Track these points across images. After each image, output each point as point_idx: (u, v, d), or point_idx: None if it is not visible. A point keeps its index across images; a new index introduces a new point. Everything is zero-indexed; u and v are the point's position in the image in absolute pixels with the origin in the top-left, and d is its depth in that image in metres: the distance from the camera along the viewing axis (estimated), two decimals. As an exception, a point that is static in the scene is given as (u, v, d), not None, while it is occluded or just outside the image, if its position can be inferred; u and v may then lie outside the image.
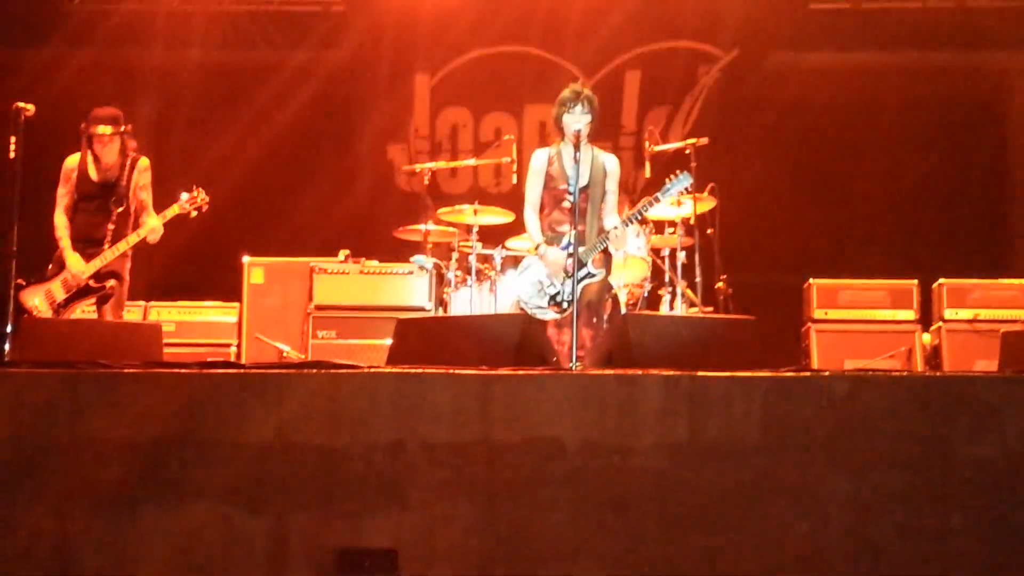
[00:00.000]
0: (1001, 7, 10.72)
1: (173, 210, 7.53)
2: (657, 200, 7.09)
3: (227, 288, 9.10)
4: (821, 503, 4.64)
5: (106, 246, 7.35)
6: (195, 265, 9.84)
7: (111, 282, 7.31)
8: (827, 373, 4.98)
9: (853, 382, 4.71)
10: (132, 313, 8.55)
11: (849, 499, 4.63)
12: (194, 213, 7.60)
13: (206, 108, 10.62)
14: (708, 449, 4.67)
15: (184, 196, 7.55)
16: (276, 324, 8.78)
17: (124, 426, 4.68)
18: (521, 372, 4.83)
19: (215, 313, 9.03)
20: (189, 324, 8.95)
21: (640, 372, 4.82)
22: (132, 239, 7.40)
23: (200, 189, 7.59)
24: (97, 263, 7.31)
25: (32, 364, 5.09)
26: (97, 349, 5.48)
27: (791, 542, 4.63)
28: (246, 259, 8.98)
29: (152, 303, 8.92)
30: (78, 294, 7.34)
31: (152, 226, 7.41)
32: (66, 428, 4.68)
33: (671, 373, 4.76)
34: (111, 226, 7.38)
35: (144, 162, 7.58)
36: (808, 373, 4.87)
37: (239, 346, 8.85)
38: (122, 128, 7.50)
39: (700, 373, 4.74)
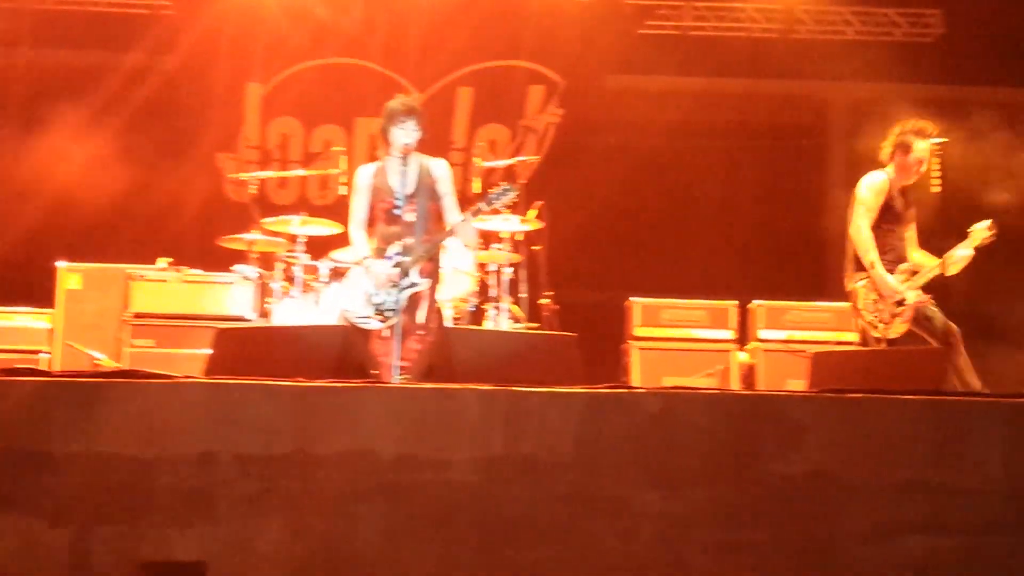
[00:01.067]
0: (821, 40, 11.11)
1: None
2: (481, 209, 7.09)
3: (44, 294, 8.84)
4: (633, 517, 4.69)
5: None
6: (13, 271, 9.52)
7: None
8: (641, 390, 5.05)
9: (666, 399, 4.79)
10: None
11: (660, 513, 4.69)
12: None
13: (33, 108, 10.29)
14: (524, 463, 4.69)
15: None
16: (92, 332, 8.55)
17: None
18: (337, 384, 4.79)
19: (28, 319, 8.74)
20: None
21: (457, 386, 4.82)
22: None
23: None
24: None
25: None
26: None
27: (603, 556, 4.67)
28: (61, 264, 8.73)
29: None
30: None
31: None
32: None
33: (488, 387, 4.77)
34: None
35: None
36: (622, 390, 4.93)
37: (52, 354, 8.59)
38: None
39: (517, 388, 4.76)
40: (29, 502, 4.44)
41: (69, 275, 8.73)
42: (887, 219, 7.45)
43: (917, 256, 7.47)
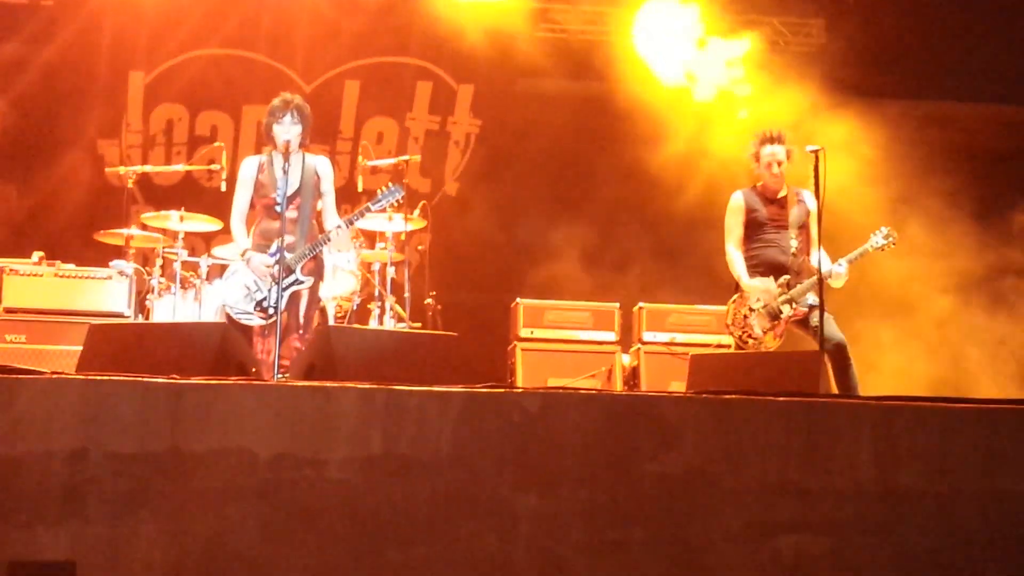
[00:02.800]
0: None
1: None
2: (368, 210, 7.08)
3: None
4: (511, 517, 4.70)
5: None
6: None
7: None
8: (519, 389, 5.06)
9: (544, 399, 4.80)
10: None
11: (538, 513, 4.71)
12: None
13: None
14: (402, 463, 4.67)
15: None
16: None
17: None
18: (213, 381, 4.71)
19: None
20: None
21: (335, 384, 4.78)
22: None
23: None
24: None
25: None
26: None
27: (480, 555, 4.67)
28: (-73, 258, 8.50)
29: None
30: None
31: None
32: None
33: (367, 386, 4.74)
34: None
35: None
36: (501, 389, 4.93)
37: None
38: None
39: (396, 387, 4.74)
40: None
41: (-66, 269, 8.49)
42: (754, 232, 7.62)
43: (813, 259, 7.52)
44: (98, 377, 4.65)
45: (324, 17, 10.88)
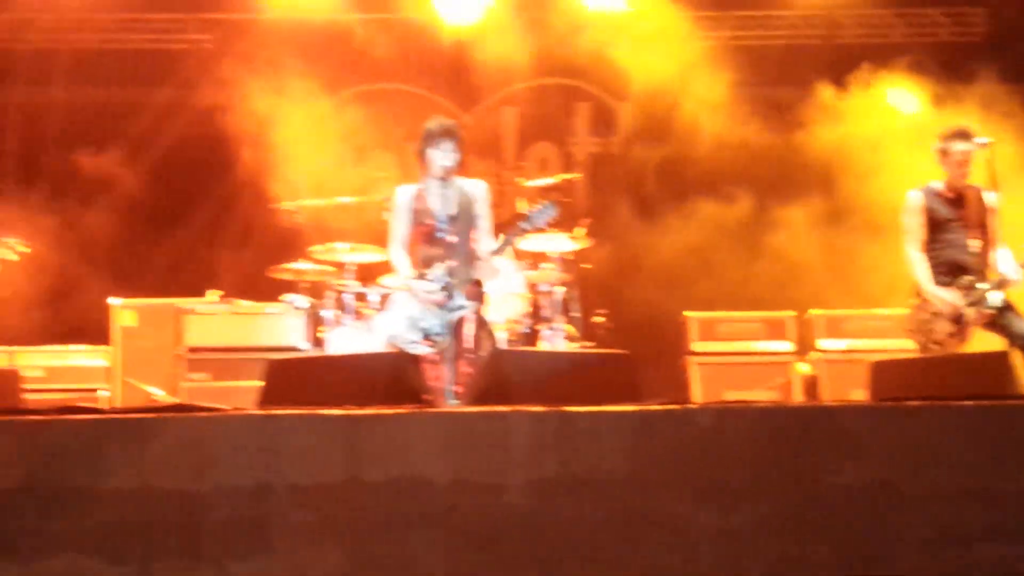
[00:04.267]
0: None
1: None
2: (522, 229, 7.05)
3: (94, 332, 8.92)
4: (691, 535, 4.63)
5: None
6: (61, 309, 9.62)
7: None
8: (693, 405, 4.99)
9: (718, 414, 4.71)
10: (3, 357, 8.38)
11: (719, 530, 4.62)
12: (14, 257, 7.46)
13: (73, 146, 10.38)
14: (577, 484, 4.64)
15: None
16: (148, 367, 8.62)
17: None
18: (388, 411, 4.76)
19: (85, 357, 8.83)
20: (59, 369, 8.75)
21: (507, 409, 4.78)
22: None
23: (12, 236, 7.47)
24: None
25: None
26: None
27: (663, 574, 4.61)
28: (114, 301, 8.81)
29: (17, 348, 8.70)
30: None
31: None
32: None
33: (539, 409, 4.73)
34: None
35: None
36: (675, 406, 4.87)
37: (110, 391, 8.66)
38: None
39: (568, 408, 4.71)
40: (87, 541, 4.45)
41: (123, 312, 8.80)
42: (934, 232, 7.36)
43: (996, 257, 7.26)
44: (276, 412, 4.74)
45: (471, 45, 10.93)
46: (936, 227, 7.38)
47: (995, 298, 7.10)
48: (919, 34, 11.13)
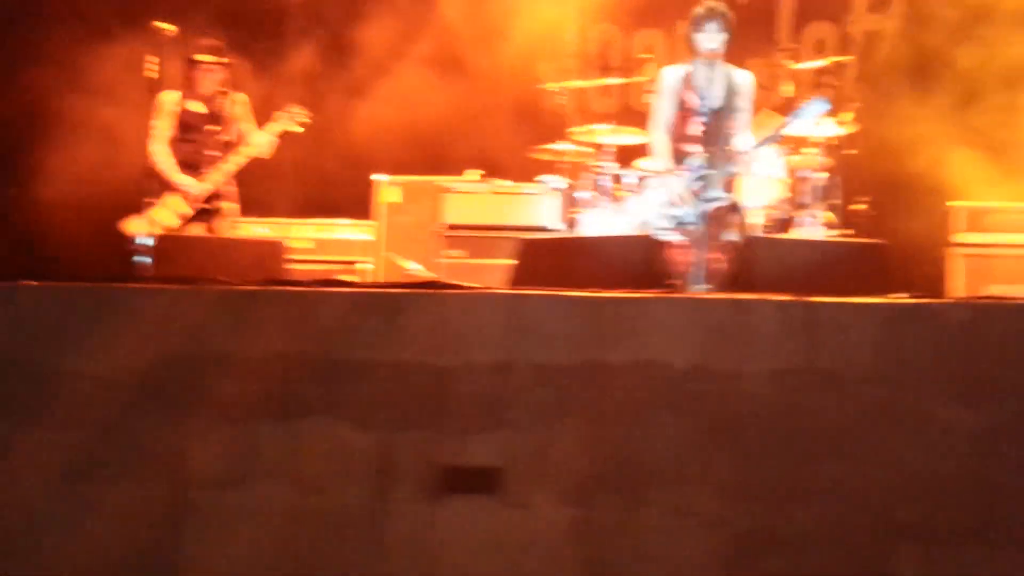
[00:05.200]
0: None
1: (274, 127, 7.66)
2: (788, 124, 6.90)
3: (362, 206, 9.22)
4: (938, 433, 4.49)
5: (207, 170, 7.54)
6: (332, 185, 9.92)
7: (222, 202, 7.51)
8: (947, 300, 4.80)
9: (973, 310, 4.54)
10: (276, 229, 8.79)
11: (967, 430, 4.48)
12: (298, 128, 7.72)
13: (344, 32, 10.55)
14: (821, 375, 4.56)
15: (280, 114, 7.68)
16: (410, 243, 8.87)
17: (243, 343, 4.77)
18: (632, 295, 4.77)
19: (351, 230, 9.15)
20: (327, 242, 9.11)
21: (753, 296, 4.72)
22: (242, 157, 7.57)
23: (297, 105, 7.71)
24: (209, 184, 7.51)
25: (178, 280, 5.16)
26: (223, 266, 5.60)
27: (907, 473, 4.50)
28: (379, 178, 9.07)
29: (287, 220, 9.10)
30: (190, 218, 7.54)
31: (259, 142, 7.59)
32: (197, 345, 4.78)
33: (785, 298, 4.65)
34: (216, 152, 7.56)
35: (242, 97, 7.77)
36: (926, 300, 4.70)
37: (374, 265, 8.98)
38: (224, 60, 7.69)
39: (815, 299, 4.61)
40: (336, 407, 4.66)
41: (388, 188, 9.06)
42: None
43: None
44: (522, 292, 4.82)
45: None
46: None
47: None
48: None
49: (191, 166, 7.64)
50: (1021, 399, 4.44)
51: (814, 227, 8.22)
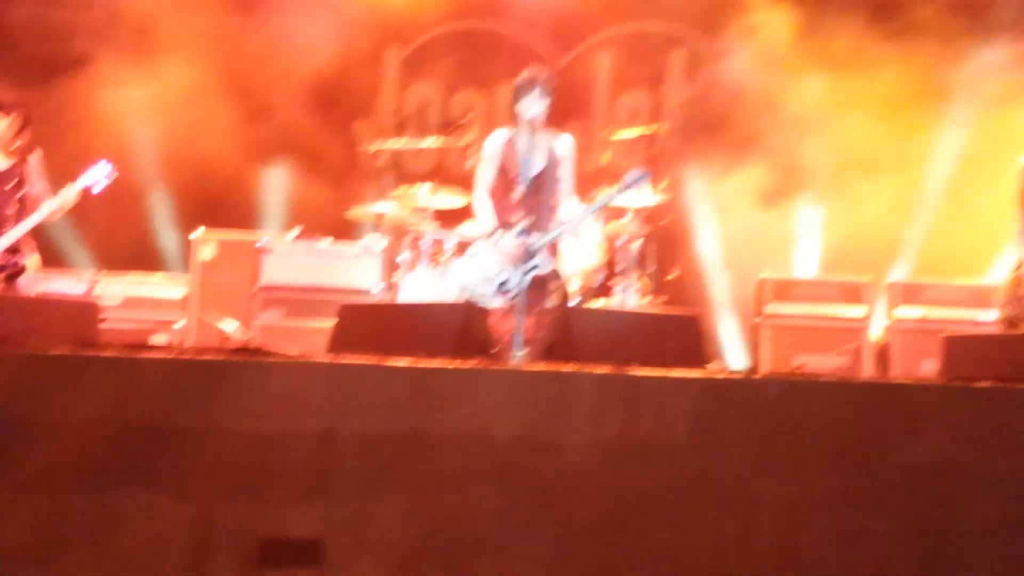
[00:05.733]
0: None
1: (79, 183, 7.45)
2: (613, 194, 7.08)
3: (176, 261, 9.07)
4: (751, 504, 4.62)
5: (4, 228, 7.30)
6: (145, 237, 9.74)
7: (22, 258, 7.27)
8: (759, 376, 4.96)
9: (786, 385, 4.69)
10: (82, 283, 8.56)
11: (779, 501, 4.61)
12: (103, 183, 7.51)
13: (178, 78, 10.41)
14: (641, 448, 4.64)
15: (88, 171, 7.48)
16: (225, 300, 8.74)
17: (54, 410, 4.61)
18: (456, 366, 4.79)
19: (162, 288, 8.97)
20: (136, 300, 8.90)
21: (573, 369, 4.79)
22: (41, 214, 7.34)
23: (106, 163, 7.51)
24: (6, 241, 7.27)
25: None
26: (31, 327, 5.41)
27: (721, 543, 4.61)
28: (197, 233, 8.92)
29: (100, 273, 8.88)
30: None
31: (64, 199, 7.38)
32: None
33: (604, 371, 4.73)
34: (15, 206, 7.33)
35: (38, 154, 7.55)
36: (740, 375, 4.85)
37: (187, 322, 8.81)
38: (18, 111, 7.50)
39: (633, 372, 4.71)
40: (153, 478, 4.53)
41: (203, 244, 8.92)
42: None
43: None
44: (346, 361, 4.79)
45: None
46: None
47: None
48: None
49: None
50: (830, 472, 4.60)
51: (629, 294, 8.42)
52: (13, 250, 7.30)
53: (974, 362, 5.72)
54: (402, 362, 4.75)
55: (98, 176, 7.45)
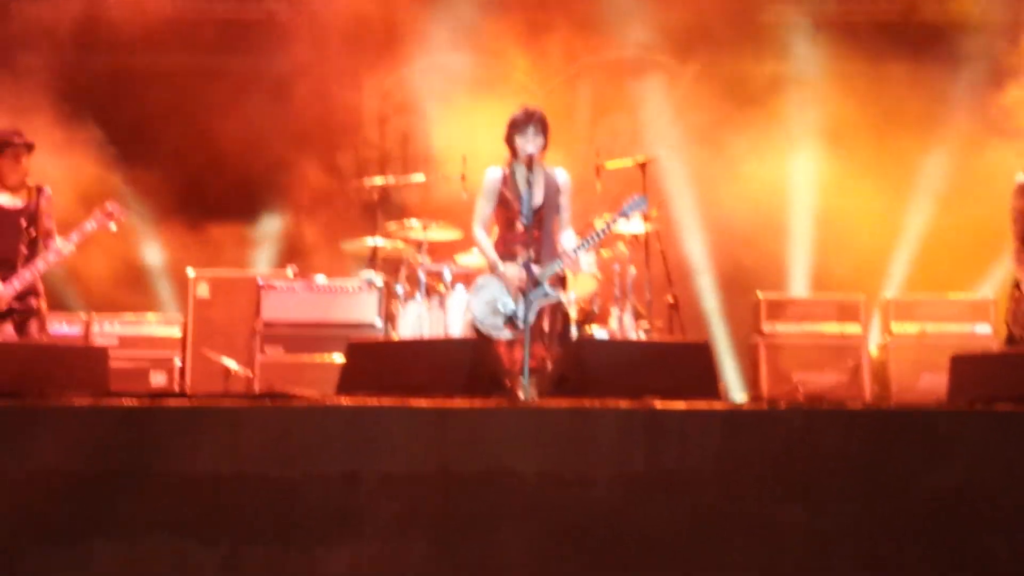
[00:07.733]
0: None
1: (86, 228, 7.31)
2: (613, 222, 7.11)
3: (171, 301, 9.04)
4: (778, 534, 4.63)
5: (19, 267, 7.13)
6: (139, 278, 9.72)
7: (34, 301, 7.16)
8: (782, 407, 4.97)
9: (809, 415, 4.71)
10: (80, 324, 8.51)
11: (806, 530, 4.63)
12: (112, 227, 7.40)
13: (149, 116, 10.40)
14: (666, 481, 4.65)
15: (96, 213, 7.35)
16: (221, 338, 8.70)
17: (75, 459, 4.59)
18: (477, 405, 4.79)
19: (158, 327, 8.93)
20: (132, 338, 8.85)
21: (596, 405, 4.79)
22: (53, 255, 7.21)
23: (113, 203, 7.41)
24: (18, 284, 7.12)
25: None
26: (42, 374, 5.37)
27: (749, 573, 4.62)
28: (192, 272, 8.88)
29: (95, 315, 8.83)
30: None
31: (73, 241, 7.24)
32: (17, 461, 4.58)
33: (626, 406, 4.73)
34: (24, 248, 7.18)
35: (49, 190, 7.42)
36: (765, 406, 4.87)
37: (184, 361, 8.76)
38: (28, 146, 7.38)
39: (655, 406, 4.71)
40: (180, 523, 4.52)
41: (198, 283, 8.88)
42: None
43: None
44: (367, 403, 4.78)
45: (544, 18, 10.81)
46: None
47: None
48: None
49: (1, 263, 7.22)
50: (856, 500, 4.61)
51: (625, 320, 8.42)
52: (26, 292, 7.15)
53: (982, 381, 5.73)
54: (423, 403, 4.75)
55: (110, 215, 7.34)
